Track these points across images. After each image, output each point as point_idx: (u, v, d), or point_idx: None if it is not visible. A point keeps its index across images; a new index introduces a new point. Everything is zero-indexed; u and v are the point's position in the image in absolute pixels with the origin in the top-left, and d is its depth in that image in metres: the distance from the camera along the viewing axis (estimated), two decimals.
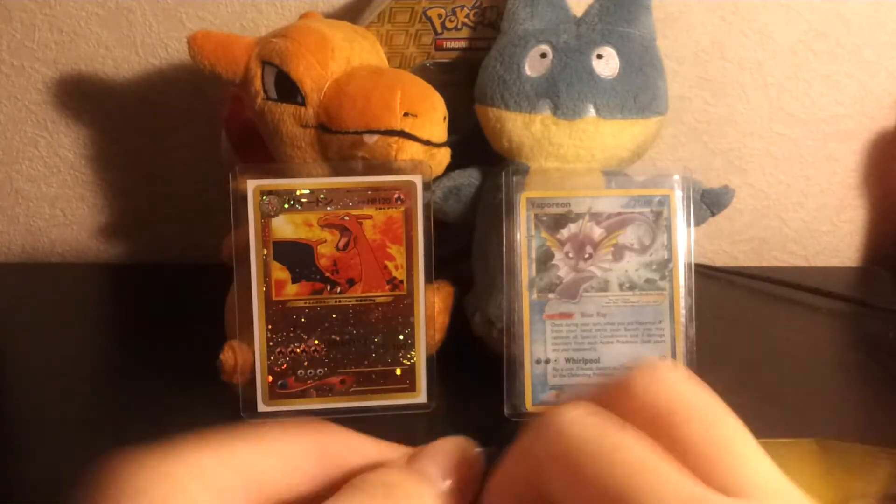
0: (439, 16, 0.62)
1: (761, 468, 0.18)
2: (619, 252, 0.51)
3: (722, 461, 0.17)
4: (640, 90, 0.54)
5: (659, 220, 0.51)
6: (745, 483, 0.17)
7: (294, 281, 0.50)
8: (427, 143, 0.51)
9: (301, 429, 0.20)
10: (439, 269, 0.52)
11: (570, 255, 0.51)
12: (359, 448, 0.21)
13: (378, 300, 0.51)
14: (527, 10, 0.56)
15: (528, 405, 0.50)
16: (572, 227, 0.51)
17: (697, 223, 0.54)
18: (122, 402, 0.54)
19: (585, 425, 0.18)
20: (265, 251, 0.50)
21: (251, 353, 0.50)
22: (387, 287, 0.51)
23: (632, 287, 0.51)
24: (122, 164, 0.79)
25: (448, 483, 0.20)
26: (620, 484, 0.17)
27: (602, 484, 0.17)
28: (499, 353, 0.52)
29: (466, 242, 0.59)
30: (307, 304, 0.50)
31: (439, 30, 0.62)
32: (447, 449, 0.21)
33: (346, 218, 0.50)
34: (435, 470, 0.20)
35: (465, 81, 0.60)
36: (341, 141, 0.51)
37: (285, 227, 0.50)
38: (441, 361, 0.52)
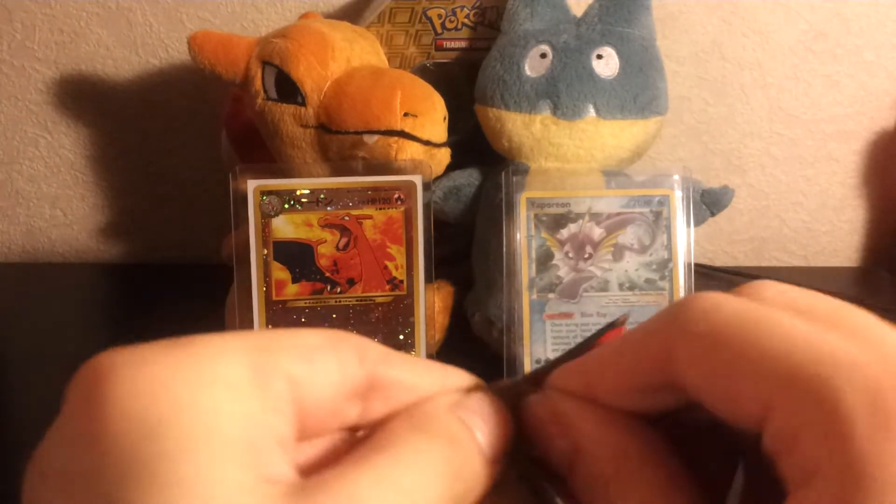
0: (439, 16, 0.62)
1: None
2: (618, 252, 0.51)
3: (875, 332, 0.17)
4: (639, 90, 0.54)
5: (659, 220, 0.51)
6: None
7: (294, 281, 0.50)
8: (427, 143, 0.51)
9: (338, 336, 0.19)
10: (439, 269, 0.52)
11: (570, 255, 0.51)
12: (397, 364, 0.20)
13: (378, 300, 0.51)
14: (527, 10, 0.56)
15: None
16: (572, 227, 0.51)
17: (697, 223, 0.54)
18: None
19: (733, 302, 0.17)
20: (265, 251, 0.50)
21: None
22: (387, 287, 0.51)
23: (632, 287, 0.51)
24: (122, 164, 0.79)
25: (488, 445, 0.19)
26: (780, 346, 0.16)
27: (775, 360, 0.16)
28: (499, 353, 0.52)
29: (466, 242, 0.59)
30: (307, 304, 0.50)
31: (439, 30, 0.62)
32: (487, 405, 0.20)
33: (347, 218, 0.50)
34: (481, 432, 0.19)
35: (465, 81, 0.60)
36: (341, 141, 0.51)
37: (285, 227, 0.50)
38: (441, 361, 0.52)
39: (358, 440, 0.19)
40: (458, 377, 0.21)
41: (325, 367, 0.18)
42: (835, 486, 0.15)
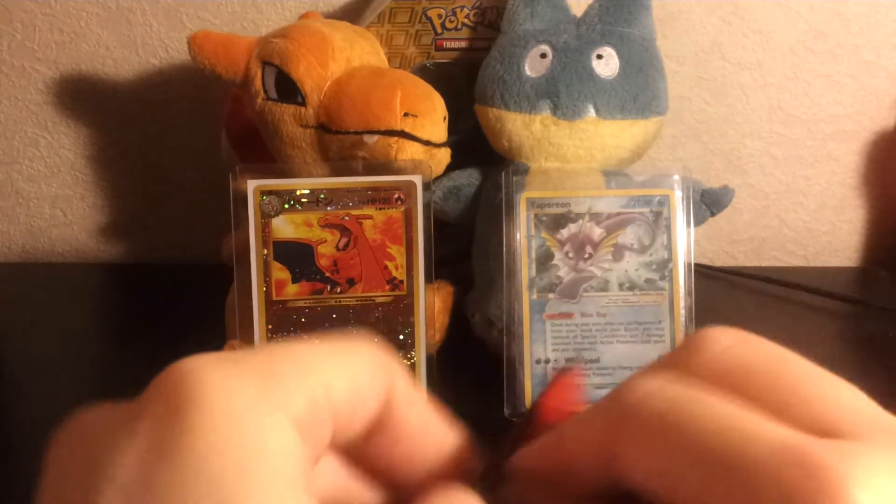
0: (439, 16, 0.62)
1: (852, 403, 0.17)
2: (618, 252, 0.51)
3: (808, 403, 0.17)
4: (639, 90, 0.54)
5: (659, 220, 0.51)
6: (840, 420, 0.17)
7: (294, 281, 0.50)
8: (427, 143, 0.51)
9: (369, 350, 0.19)
10: (439, 269, 0.52)
11: (570, 255, 0.51)
12: (413, 408, 0.20)
13: (378, 300, 0.51)
14: (527, 10, 0.56)
15: (528, 405, 0.50)
16: (572, 227, 0.51)
17: (697, 223, 0.54)
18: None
19: (665, 391, 0.18)
20: (265, 251, 0.50)
21: None
22: (387, 287, 0.51)
23: (632, 287, 0.51)
24: (122, 164, 0.79)
25: None
26: (712, 442, 0.16)
27: (692, 446, 0.16)
28: (499, 353, 0.52)
29: (466, 242, 0.59)
30: (307, 304, 0.50)
31: (439, 30, 0.62)
32: None
33: (347, 218, 0.50)
34: None
35: (465, 81, 0.60)
36: (341, 141, 0.51)
37: (285, 227, 0.50)
38: (441, 361, 0.52)
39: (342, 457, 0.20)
40: (454, 443, 0.21)
41: (358, 394, 0.19)
42: None
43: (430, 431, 0.20)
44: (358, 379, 0.18)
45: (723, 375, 0.18)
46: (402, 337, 0.51)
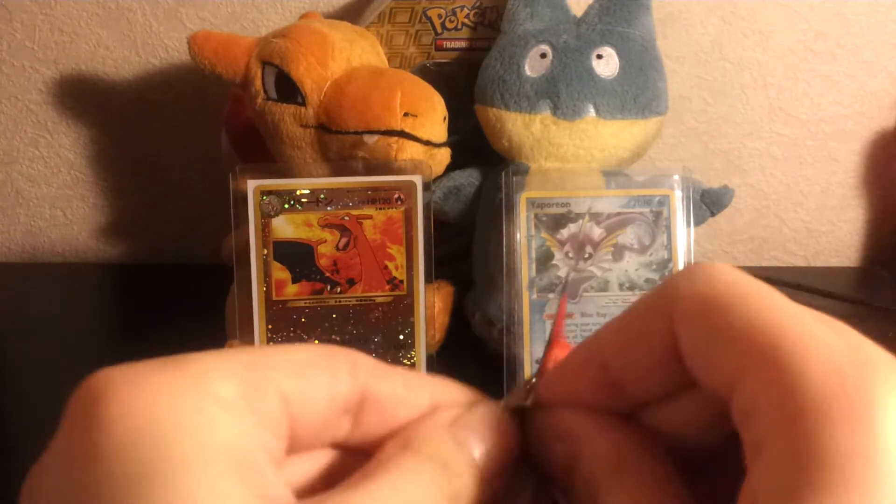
0: (439, 16, 0.62)
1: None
2: (618, 252, 0.51)
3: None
4: (639, 90, 0.54)
5: (659, 219, 0.51)
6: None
7: (294, 281, 0.50)
8: (427, 143, 0.51)
9: (330, 350, 0.19)
10: (439, 269, 0.52)
11: (570, 255, 0.51)
12: (391, 378, 0.19)
13: (378, 300, 0.51)
14: (527, 10, 0.56)
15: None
16: (572, 227, 0.51)
17: (697, 223, 0.54)
18: None
19: (731, 273, 0.18)
20: (265, 251, 0.50)
21: None
22: (387, 287, 0.51)
23: (632, 287, 0.51)
24: (122, 164, 0.79)
25: (486, 462, 0.19)
26: (773, 327, 0.16)
27: (753, 329, 0.16)
28: (499, 353, 0.52)
29: (466, 242, 0.59)
30: (307, 304, 0.50)
31: (439, 30, 0.62)
32: (486, 421, 0.19)
33: (347, 218, 0.50)
34: (479, 449, 0.19)
35: (465, 81, 0.60)
36: (341, 141, 0.51)
37: (285, 227, 0.50)
38: (441, 361, 0.52)
39: (350, 458, 0.19)
40: (457, 391, 0.20)
41: (316, 381, 0.18)
42: (784, 460, 0.15)
43: (420, 392, 0.20)
44: (307, 369, 0.18)
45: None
46: (402, 337, 0.51)
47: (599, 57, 0.54)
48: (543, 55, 0.54)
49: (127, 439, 0.15)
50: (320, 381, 0.18)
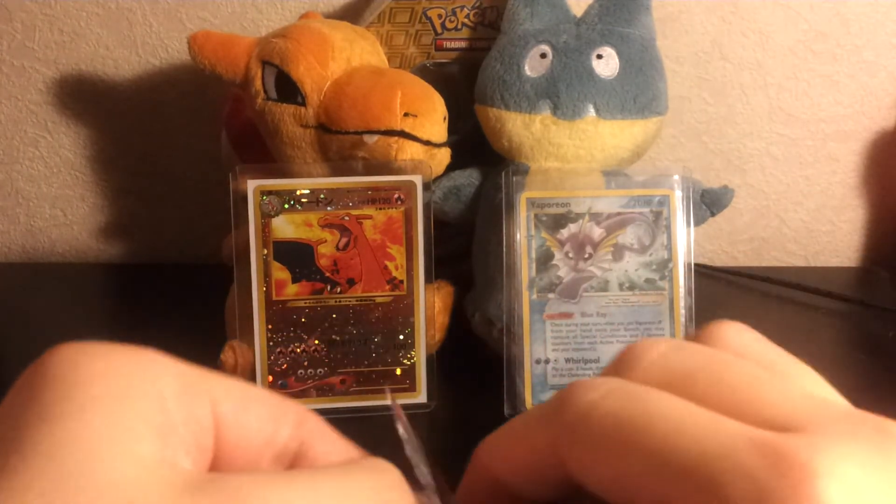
0: (439, 16, 0.62)
1: (801, 395, 0.16)
2: (618, 252, 0.51)
3: (757, 401, 0.16)
4: (639, 90, 0.54)
5: (659, 220, 0.51)
6: (793, 414, 0.16)
7: (294, 281, 0.50)
8: (427, 143, 0.51)
9: (284, 400, 0.19)
10: (439, 269, 0.52)
11: (570, 255, 0.51)
12: (331, 442, 0.19)
13: (378, 300, 0.51)
14: (527, 10, 0.56)
15: (528, 405, 0.50)
16: (572, 227, 0.51)
17: (697, 223, 0.54)
18: None
19: (614, 393, 0.17)
20: (265, 251, 0.50)
21: (251, 352, 0.50)
22: (387, 287, 0.51)
23: (631, 287, 0.51)
24: (122, 164, 0.79)
25: None
26: (671, 442, 0.15)
27: (649, 447, 0.16)
28: (499, 353, 0.52)
29: (466, 242, 0.59)
30: (307, 304, 0.50)
31: (439, 30, 0.62)
32: None
33: (347, 218, 0.50)
34: None
35: (465, 81, 0.60)
36: (341, 141, 0.51)
37: (285, 227, 0.50)
38: (441, 361, 0.52)
39: None
40: (387, 476, 0.19)
41: (256, 418, 0.18)
42: None
43: (353, 471, 0.19)
44: (252, 403, 0.18)
45: (663, 382, 0.17)
46: (402, 337, 0.51)
47: (599, 57, 0.54)
48: (543, 55, 0.54)
49: (55, 379, 0.16)
50: (261, 420, 0.18)
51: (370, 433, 0.22)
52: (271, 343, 0.50)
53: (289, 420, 0.18)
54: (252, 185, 0.49)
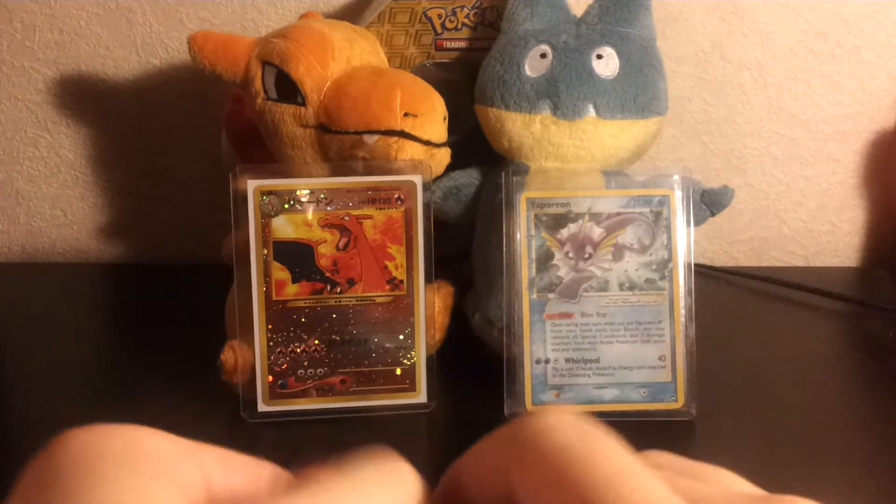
0: (439, 16, 0.62)
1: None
2: (618, 252, 0.51)
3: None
4: (639, 90, 0.54)
5: (659, 220, 0.51)
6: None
7: (294, 281, 0.50)
8: (427, 143, 0.51)
9: (257, 460, 0.20)
10: (439, 269, 0.52)
11: (570, 255, 0.51)
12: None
13: (378, 300, 0.51)
14: (527, 10, 0.56)
15: (528, 405, 0.50)
16: (572, 227, 0.51)
17: (697, 223, 0.54)
18: (122, 402, 0.54)
19: (566, 427, 0.18)
20: (265, 251, 0.50)
21: (251, 352, 0.50)
22: (387, 287, 0.51)
23: (631, 287, 0.51)
24: (122, 164, 0.79)
25: None
26: (598, 488, 0.16)
27: (579, 489, 0.16)
28: (499, 353, 0.52)
29: (466, 242, 0.59)
30: (307, 304, 0.50)
31: (439, 30, 0.62)
32: None
33: (347, 218, 0.50)
34: None
35: (465, 81, 0.60)
36: (341, 141, 0.51)
37: (285, 227, 0.50)
38: (441, 361, 0.52)
39: None
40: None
41: (242, 478, 0.19)
42: None
43: None
44: (232, 460, 0.19)
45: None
46: (402, 337, 0.51)
47: (599, 57, 0.54)
48: (543, 55, 0.54)
49: (75, 462, 0.17)
50: (245, 481, 0.19)
51: (370, 433, 0.22)
52: (271, 343, 0.50)
53: (266, 478, 0.20)
54: (252, 185, 0.49)
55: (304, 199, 0.50)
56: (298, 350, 0.50)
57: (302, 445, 0.48)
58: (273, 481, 0.20)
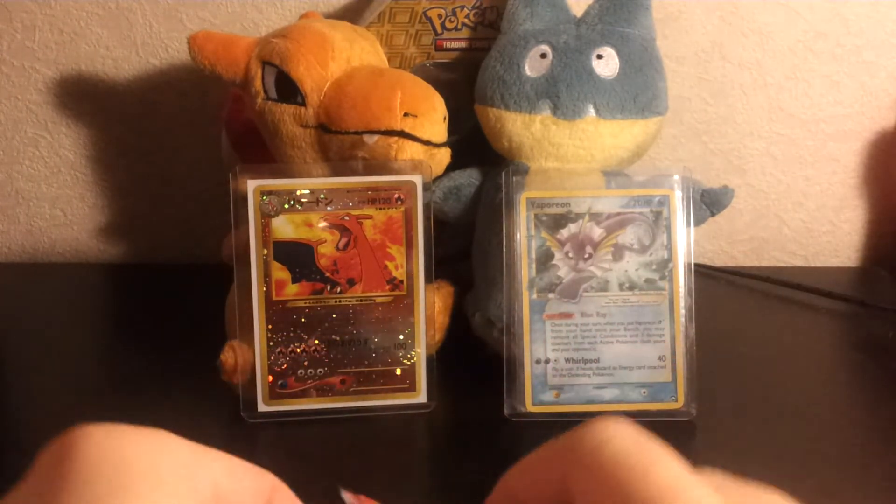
0: (439, 16, 0.62)
1: None
2: (618, 252, 0.51)
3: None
4: (639, 90, 0.54)
5: (659, 220, 0.51)
6: None
7: (294, 281, 0.50)
8: (427, 143, 0.51)
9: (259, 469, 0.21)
10: (439, 269, 0.52)
11: (570, 255, 0.51)
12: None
13: (378, 300, 0.51)
14: (527, 10, 0.56)
15: (528, 405, 0.50)
16: (572, 227, 0.51)
17: (697, 223, 0.54)
18: (122, 402, 0.54)
19: (625, 438, 0.18)
20: (265, 251, 0.50)
21: (251, 352, 0.50)
22: (387, 287, 0.51)
23: (632, 287, 0.51)
24: (122, 164, 0.79)
25: None
26: (655, 500, 0.17)
27: (636, 500, 0.17)
28: (499, 353, 0.52)
29: (466, 242, 0.59)
30: (307, 304, 0.50)
31: (439, 30, 0.62)
32: None
33: (347, 218, 0.50)
34: None
35: (465, 81, 0.60)
36: (341, 141, 0.51)
37: (285, 227, 0.50)
38: (441, 361, 0.52)
39: None
40: None
41: (246, 485, 0.20)
42: None
43: None
44: (238, 465, 0.20)
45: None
46: (402, 337, 0.51)
47: (599, 57, 0.54)
48: (543, 55, 0.54)
49: (96, 467, 0.17)
50: (248, 488, 0.20)
51: (370, 433, 0.22)
52: (271, 343, 0.50)
53: (266, 484, 0.21)
54: (252, 185, 0.49)
55: (304, 199, 0.50)
56: (298, 350, 0.50)
57: (302, 445, 0.48)
58: (270, 497, 0.20)
